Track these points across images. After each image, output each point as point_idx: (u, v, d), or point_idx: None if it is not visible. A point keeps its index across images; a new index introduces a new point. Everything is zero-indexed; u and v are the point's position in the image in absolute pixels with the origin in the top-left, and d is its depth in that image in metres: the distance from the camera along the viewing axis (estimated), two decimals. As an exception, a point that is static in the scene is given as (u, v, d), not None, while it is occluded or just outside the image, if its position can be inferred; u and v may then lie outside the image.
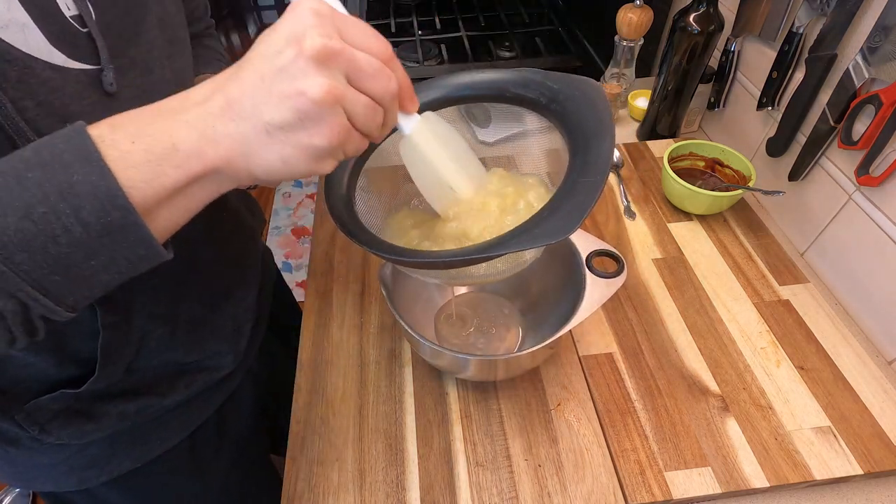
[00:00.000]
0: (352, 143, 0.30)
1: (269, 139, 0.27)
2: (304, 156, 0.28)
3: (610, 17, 0.88)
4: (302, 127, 0.27)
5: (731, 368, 0.57)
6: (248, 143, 0.27)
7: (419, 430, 0.54)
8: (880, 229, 0.57)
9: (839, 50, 0.60)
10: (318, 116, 0.27)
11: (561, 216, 0.32)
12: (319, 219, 0.77)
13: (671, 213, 0.76)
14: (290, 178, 0.30)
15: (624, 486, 0.49)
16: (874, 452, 0.50)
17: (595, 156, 0.34)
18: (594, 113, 0.36)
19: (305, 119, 0.27)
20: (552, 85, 0.39)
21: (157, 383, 0.50)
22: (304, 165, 0.28)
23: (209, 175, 0.28)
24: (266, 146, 0.27)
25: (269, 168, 0.28)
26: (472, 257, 0.34)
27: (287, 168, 0.28)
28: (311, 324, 0.64)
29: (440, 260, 0.35)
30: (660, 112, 0.86)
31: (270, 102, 0.27)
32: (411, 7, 1.37)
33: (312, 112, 0.27)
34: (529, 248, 0.32)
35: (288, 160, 0.28)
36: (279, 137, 0.27)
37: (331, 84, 0.27)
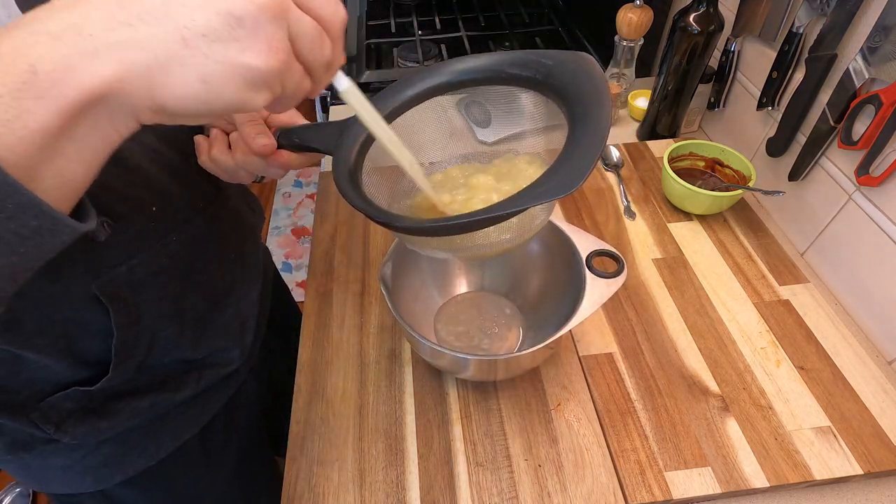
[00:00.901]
0: (292, 76, 0.24)
1: (187, 50, 0.21)
2: (233, 77, 0.22)
3: (610, 17, 0.88)
4: (233, 37, 0.21)
5: (731, 368, 0.57)
6: (153, 54, 0.20)
7: (419, 430, 0.54)
8: (880, 229, 0.57)
9: (839, 50, 0.60)
10: (256, 26, 0.21)
11: (568, 171, 0.32)
12: (319, 219, 0.77)
13: (671, 213, 0.76)
14: (209, 112, 0.23)
15: (624, 486, 0.49)
16: (874, 452, 0.50)
17: (595, 119, 0.34)
18: (591, 83, 0.36)
19: (240, 27, 0.21)
20: (546, 61, 0.39)
21: (168, 380, 0.50)
22: (232, 91, 0.22)
23: (93, 105, 0.21)
24: (181, 60, 0.21)
25: (184, 91, 0.21)
26: (483, 217, 0.32)
27: (208, 92, 0.22)
28: (311, 324, 0.64)
29: (450, 223, 0.34)
30: (660, 112, 0.86)
31: (191, 2, 0.21)
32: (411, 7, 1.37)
33: (250, 18, 0.21)
34: (541, 202, 0.31)
35: (210, 80, 0.21)
36: (201, 49, 0.21)
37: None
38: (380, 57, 1.23)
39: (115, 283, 0.41)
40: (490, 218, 0.33)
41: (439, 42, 1.23)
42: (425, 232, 0.37)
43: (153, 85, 0.21)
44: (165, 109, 0.22)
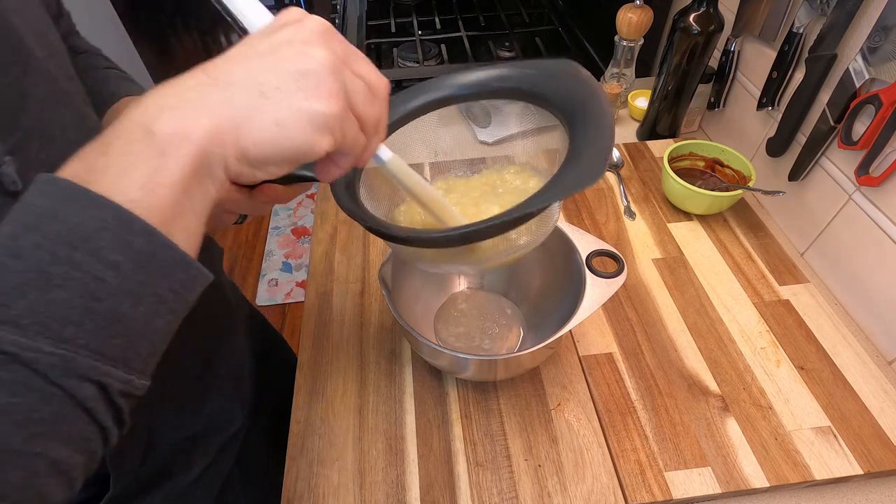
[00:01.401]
0: (350, 125, 0.27)
1: (264, 101, 0.24)
2: (301, 119, 0.25)
3: (610, 17, 0.88)
4: (300, 88, 0.25)
5: (731, 368, 0.57)
6: (237, 106, 0.24)
7: (419, 430, 0.54)
8: (880, 229, 0.57)
9: (839, 50, 0.60)
10: (318, 78, 0.25)
11: (582, 167, 0.32)
12: (319, 219, 0.77)
13: (671, 213, 0.76)
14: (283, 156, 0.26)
15: (624, 486, 0.49)
16: (874, 452, 0.50)
17: (595, 114, 0.34)
18: (579, 84, 0.37)
19: (305, 79, 0.25)
20: (529, 71, 0.40)
21: (176, 464, 0.49)
22: (301, 133, 0.25)
23: (201, 161, 0.24)
24: (260, 108, 0.24)
25: (263, 134, 0.25)
26: (502, 221, 0.32)
27: (281, 133, 0.25)
28: (311, 324, 0.64)
29: (471, 230, 0.33)
30: (660, 112, 0.86)
31: (266, 66, 0.25)
32: (411, 7, 1.37)
33: (313, 73, 0.25)
34: (561, 198, 0.32)
35: (283, 122, 0.25)
36: (274, 98, 0.24)
37: (334, 54, 0.25)
38: (380, 57, 1.23)
39: None
40: (519, 218, 0.32)
41: (439, 42, 1.23)
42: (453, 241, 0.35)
43: (238, 132, 0.24)
44: (247, 155, 0.25)
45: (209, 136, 0.23)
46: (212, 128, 0.24)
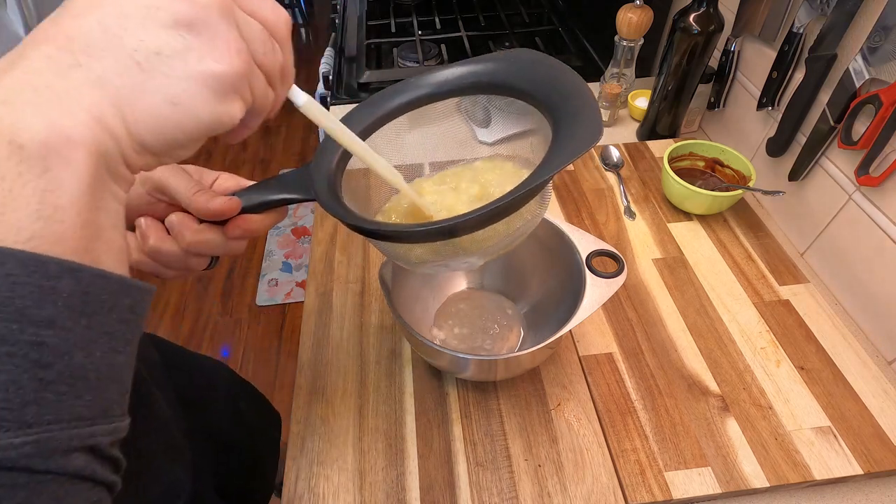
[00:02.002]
0: (258, 80, 0.22)
1: (144, 74, 0.19)
2: (201, 90, 0.20)
3: (610, 16, 0.88)
4: (188, 47, 0.19)
5: (731, 368, 0.57)
6: (115, 88, 0.19)
7: (419, 430, 0.54)
8: (880, 229, 0.57)
9: (839, 50, 0.60)
10: (208, 28, 0.19)
11: (581, 130, 0.31)
12: (319, 219, 0.77)
13: (671, 213, 0.76)
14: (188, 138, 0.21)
15: (624, 486, 0.49)
16: (874, 452, 0.50)
17: (568, 84, 0.34)
18: (541, 65, 0.37)
19: (190, 33, 0.19)
20: (491, 65, 0.39)
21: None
22: (204, 106, 0.20)
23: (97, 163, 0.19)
24: (142, 86, 0.19)
25: (157, 117, 0.19)
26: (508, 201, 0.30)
27: (182, 112, 0.20)
28: (311, 324, 0.64)
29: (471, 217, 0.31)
30: (660, 112, 0.86)
31: (133, 20, 0.18)
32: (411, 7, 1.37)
33: (199, 21, 0.19)
34: (563, 166, 0.30)
35: (179, 100, 0.19)
36: (159, 69, 0.19)
37: None
38: (380, 57, 1.23)
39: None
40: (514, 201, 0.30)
41: (439, 42, 1.23)
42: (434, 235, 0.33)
43: (126, 118, 0.19)
44: (147, 145, 0.20)
45: (94, 131, 0.18)
46: (93, 120, 0.18)
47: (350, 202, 0.38)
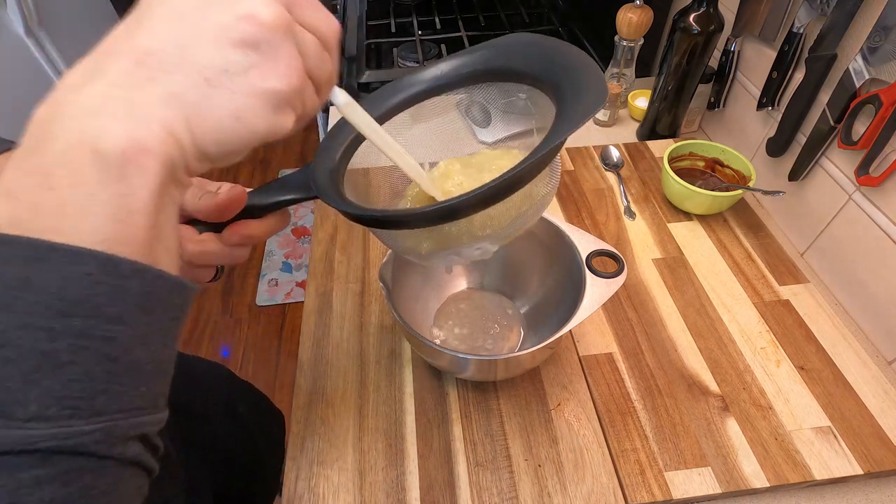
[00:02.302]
0: (309, 91, 0.24)
1: (212, 90, 0.20)
2: (262, 105, 0.21)
3: (610, 16, 0.88)
4: (252, 65, 0.21)
5: (731, 368, 0.57)
6: (184, 101, 0.20)
7: (419, 430, 0.54)
8: (880, 229, 0.57)
9: (839, 50, 0.60)
10: (271, 48, 0.21)
11: (587, 93, 0.31)
12: (319, 219, 0.77)
13: (671, 213, 0.76)
14: (245, 147, 0.23)
15: (624, 486, 0.49)
16: (874, 452, 0.50)
17: (567, 55, 0.33)
18: (535, 45, 0.36)
19: (256, 52, 0.21)
20: (484, 52, 0.39)
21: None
22: (263, 119, 0.22)
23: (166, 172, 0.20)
24: (210, 101, 0.20)
25: (221, 131, 0.21)
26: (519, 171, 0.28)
27: (243, 126, 0.21)
28: (311, 324, 0.64)
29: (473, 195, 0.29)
30: (660, 112, 0.86)
31: (204, 39, 0.20)
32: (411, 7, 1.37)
33: (265, 42, 0.21)
34: (573, 130, 0.29)
35: (242, 114, 0.21)
36: (225, 85, 0.20)
37: (280, 6, 0.21)
38: (380, 57, 1.23)
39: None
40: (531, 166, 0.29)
41: (439, 42, 1.23)
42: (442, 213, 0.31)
43: (193, 132, 0.21)
44: (208, 154, 0.22)
45: (166, 142, 0.20)
46: (165, 132, 0.20)
47: (352, 198, 0.38)
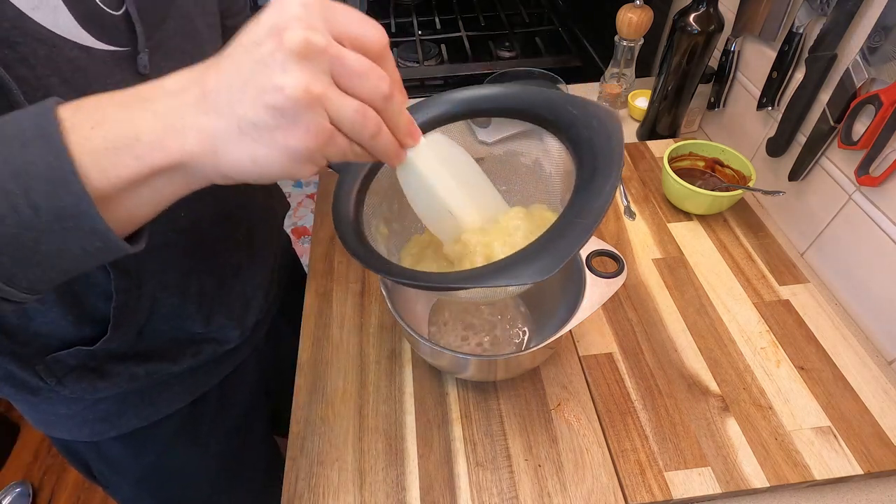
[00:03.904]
0: (335, 147, 0.28)
1: (241, 136, 0.25)
2: (278, 157, 0.26)
3: (610, 16, 0.88)
4: (276, 126, 0.25)
5: (731, 368, 0.57)
6: (217, 138, 0.25)
7: (419, 430, 0.54)
8: (880, 229, 0.57)
9: (839, 50, 0.60)
10: (294, 116, 0.25)
11: (546, 256, 0.32)
12: (319, 219, 0.77)
13: (671, 213, 0.76)
14: (266, 179, 0.27)
15: (624, 486, 0.49)
16: (874, 452, 0.50)
17: (595, 193, 0.34)
18: (608, 146, 0.36)
19: (281, 118, 0.25)
20: (572, 110, 0.39)
21: (166, 350, 0.52)
22: (278, 168, 0.26)
23: (174, 169, 0.26)
24: (236, 144, 0.25)
25: (239, 168, 0.26)
26: (448, 286, 0.35)
27: (258, 169, 0.26)
28: (311, 324, 0.64)
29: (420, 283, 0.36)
30: (660, 112, 0.86)
31: (246, 97, 0.25)
32: (411, 7, 1.37)
33: (289, 111, 0.25)
34: (504, 285, 0.32)
35: (259, 161, 0.26)
36: (251, 135, 0.25)
37: (310, 82, 0.25)
38: (380, 57, 1.23)
39: None
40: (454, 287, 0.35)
41: (439, 42, 1.23)
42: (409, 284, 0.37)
43: (217, 161, 0.26)
44: (228, 177, 0.27)
45: (187, 157, 0.26)
46: (191, 151, 0.26)
47: None
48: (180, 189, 0.28)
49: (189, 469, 0.65)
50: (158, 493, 0.64)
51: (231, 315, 0.57)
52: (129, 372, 0.50)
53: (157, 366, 0.52)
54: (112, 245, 0.26)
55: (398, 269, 0.38)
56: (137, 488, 0.62)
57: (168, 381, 0.55)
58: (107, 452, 0.58)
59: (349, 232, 0.39)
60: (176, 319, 0.51)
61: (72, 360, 0.47)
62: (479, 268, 0.34)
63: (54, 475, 1.41)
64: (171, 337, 0.52)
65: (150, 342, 0.51)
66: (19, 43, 0.32)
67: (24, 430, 1.50)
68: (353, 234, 0.39)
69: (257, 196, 0.59)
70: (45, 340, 0.46)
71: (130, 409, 0.54)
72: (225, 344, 0.57)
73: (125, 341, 0.48)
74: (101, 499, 1.36)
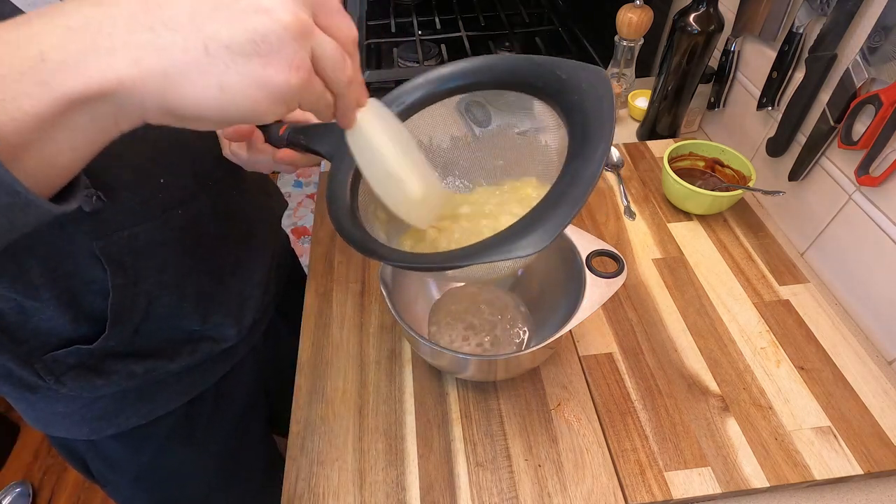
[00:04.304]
0: (312, 93, 0.25)
1: (208, 59, 0.21)
2: (253, 88, 0.22)
3: (610, 17, 0.88)
4: (257, 52, 0.21)
5: (731, 368, 0.57)
6: (172, 60, 0.21)
7: (419, 430, 0.54)
8: (880, 229, 0.57)
9: (839, 50, 0.60)
10: (280, 43, 0.22)
11: (537, 230, 0.31)
12: (319, 219, 0.77)
13: (671, 213, 0.76)
14: (220, 120, 0.23)
15: (624, 486, 0.49)
16: (874, 452, 0.50)
17: (587, 160, 0.33)
18: (598, 108, 0.35)
19: (264, 43, 0.21)
20: (561, 75, 0.38)
21: (163, 348, 0.53)
22: (249, 102, 0.22)
23: (96, 99, 0.21)
24: (201, 67, 0.21)
25: (200, 97, 0.21)
26: (442, 266, 0.34)
27: (224, 99, 0.22)
28: (310, 324, 0.64)
29: (414, 265, 0.35)
30: (660, 112, 0.86)
31: (220, 14, 0.21)
32: (411, 7, 1.37)
33: (275, 36, 0.21)
34: (497, 259, 0.32)
35: (228, 89, 0.22)
36: (223, 58, 0.21)
37: (299, 9, 0.22)
38: (380, 57, 1.23)
39: (115, 246, 0.43)
40: (447, 266, 0.34)
41: (439, 42, 1.23)
42: (401, 265, 0.37)
43: (167, 89, 0.21)
44: (174, 113, 0.22)
45: (119, 83, 0.20)
46: (126, 76, 0.20)
47: None
48: (106, 129, 0.22)
49: (186, 468, 0.65)
50: (156, 492, 0.64)
51: (228, 313, 0.57)
52: (127, 370, 0.50)
53: (155, 363, 0.52)
54: (23, 200, 0.21)
55: (388, 250, 0.37)
56: (135, 487, 0.63)
57: (166, 379, 0.55)
58: (104, 451, 0.58)
59: (345, 217, 0.38)
60: (173, 318, 0.51)
61: (70, 359, 0.47)
62: (473, 245, 0.33)
63: (54, 475, 1.41)
64: (168, 335, 0.52)
65: (147, 340, 0.51)
66: None
67: (24, 430, 1.50)
68: (349, 219, 0.38)
69: (255, 194, 0.60)
70: (44, 339, 0.46)
71: (129, 407, 0.55)
72: (222, 342, 0.57)
73: (123, 339, 0.48)
74: (101, 499, 1.36)
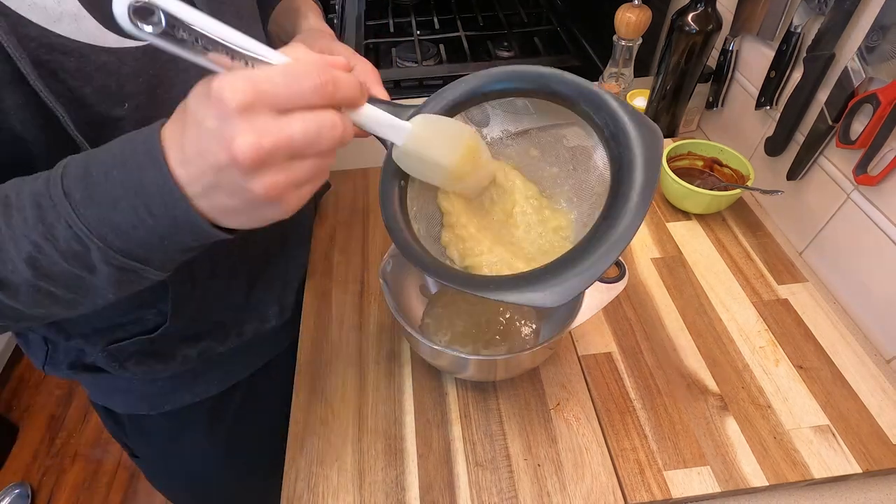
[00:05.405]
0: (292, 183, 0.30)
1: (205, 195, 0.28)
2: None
3: (608, 16, 0.88)
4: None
5: (730, 368, 0.57)
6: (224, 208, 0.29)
7: (419, 430, 0.54)
8: (878, 228, 0.57)
9: (837, 49, 0.60)
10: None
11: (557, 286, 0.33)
12: (319, 219, 0.77)
13: (670, 212, 0.76)
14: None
15: (623, 485, 0.49)
16: (873, 451, 0.50)
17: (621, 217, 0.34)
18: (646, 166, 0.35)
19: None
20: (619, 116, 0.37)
21: (214, 329, 0.58)
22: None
23: None
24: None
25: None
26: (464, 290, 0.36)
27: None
28: (310, 324, 0.64)
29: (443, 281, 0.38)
30: (658, 111, 0.86)
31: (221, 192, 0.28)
32: (410, 7, 1.37)
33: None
34: (510, 302, 0.34)
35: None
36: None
37: (273, 182, 0.27)
38: (378, 57, 1.23)
39: None
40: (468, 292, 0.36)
41: (438, 42, 1.23)
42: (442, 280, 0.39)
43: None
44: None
45: None
46: None
47: None
48: None
49: (202, 457, 0.68)
50: (179, 474, 0.70)
51: (272, 292, 0.62)
52: (182, 354, 0.56)
53: (207, 345, 0.57)
54: (214, 235, 0.30)
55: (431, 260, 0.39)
56: (163, 463, 0.69)
57: (217, 361, 0.60)
58: (148, 427, 0.64)
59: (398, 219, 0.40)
60: (223, 300, 0.56)
61: (133, 347, 0.52)
62: (492, 277, 0.36)
63: (53, 476, 1.41)
64: (218, 317, 0.57)
65: (200, 324, 0.56)
66: (48, 60, 0.32)
67: (24, 430, 1.49)
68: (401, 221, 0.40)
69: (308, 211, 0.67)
70: (108, 333, 0.51)
71: (183, 387, 0.61)
72: (265, 322, 0.62)
73: (180, 326, 0.53)
74: (100, 499, 1.36)
